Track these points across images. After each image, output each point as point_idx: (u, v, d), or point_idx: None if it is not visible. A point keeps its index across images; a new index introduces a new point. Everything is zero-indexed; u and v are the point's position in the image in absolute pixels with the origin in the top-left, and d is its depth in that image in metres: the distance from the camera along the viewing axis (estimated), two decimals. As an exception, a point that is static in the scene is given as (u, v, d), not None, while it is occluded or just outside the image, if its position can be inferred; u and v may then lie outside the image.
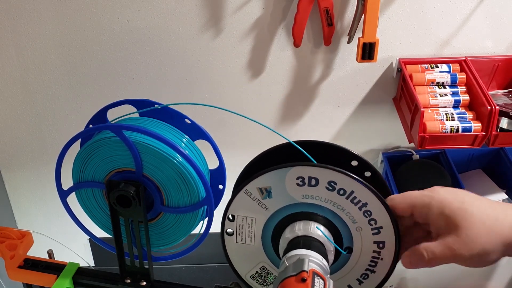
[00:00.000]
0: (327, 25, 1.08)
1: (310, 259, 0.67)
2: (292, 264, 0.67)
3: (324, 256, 0.69)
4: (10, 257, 0.87)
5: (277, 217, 0.75)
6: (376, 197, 0.68)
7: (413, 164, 1.24)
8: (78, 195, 0.84)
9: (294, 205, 0.73)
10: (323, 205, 0.72)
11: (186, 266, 1.46)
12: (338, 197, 0.70)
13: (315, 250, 0.69)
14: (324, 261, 0.68)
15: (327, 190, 0.70)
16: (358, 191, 0.69)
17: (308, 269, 0.65)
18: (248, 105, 1.22)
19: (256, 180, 0.72)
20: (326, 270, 0.68)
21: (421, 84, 1.12)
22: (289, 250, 0.70)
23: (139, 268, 0.85)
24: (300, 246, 0.70)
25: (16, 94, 1.20)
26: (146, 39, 1.13)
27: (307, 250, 0.69)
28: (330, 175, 0.69)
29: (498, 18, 1.11)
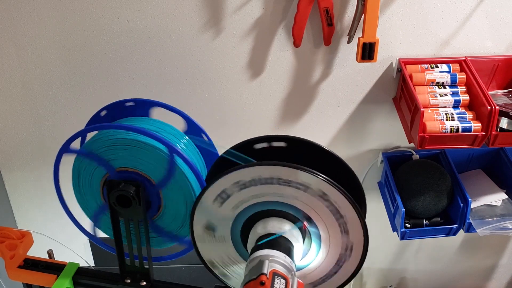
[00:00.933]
0: (327, 25, 1.08)
1: (272, 259, 0.67)
2: (253, 267, 0.68)
3: (288, 253, 0.70)
4: (10, 257, 0.87)
5: (244, 216, 0.75)
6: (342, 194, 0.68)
7: (413, 164, 1.24)
8: (77, 163, 0.81)
9: (260, 203, 0.73)
10: (289, 202, 0.72)
11: (186, 266, 1.46)
12: (303, 194, 0.70)
13: (278, 248, 0.69)
14: (287, 258, 0.69)
15: (292, 188, 0.70)
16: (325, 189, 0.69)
17: (268, 271, 0.65)
18: (248, 105, 1.22)
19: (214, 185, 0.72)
20: (290, 267, 0.68)
21: (421, 84, 1.12)
22: (254, 250, 0.71)
23: (139, 268, 0.85)
24: (263, 246, 0.70)
25: (16, 94, 1.20)
26: (146, 39, 1.13)
27: (269, 250, 0.69)
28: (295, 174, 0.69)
29: (498, 18, 1.11)
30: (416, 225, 1.20)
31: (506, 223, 1.19)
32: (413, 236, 1.20)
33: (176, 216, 0.80)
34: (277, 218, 0.73)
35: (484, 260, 1.56)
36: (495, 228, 1.18)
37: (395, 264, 1.56)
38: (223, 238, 0.78)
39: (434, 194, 1.18)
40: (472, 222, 1.18)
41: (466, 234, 1.47)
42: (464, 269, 1.58)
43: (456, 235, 1.20)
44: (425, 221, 1.21)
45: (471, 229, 1.18)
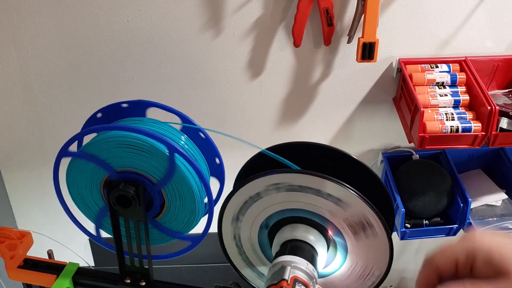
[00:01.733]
0: (327, 25, 1.08)
1: (294, 265, 0.68)
2: (274, 273, 0.68)
3: (311, 260, 0.70)
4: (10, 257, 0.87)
5: (273, 219, 0.75)
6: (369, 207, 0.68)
7: (413, 164, 1.24)
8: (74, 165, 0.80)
9: (288, 210, 0.74)
10: (315, 211, 0.72)
11: (186, 266, 1.46)
12: (330, 205, 0.70)
13: (301, 255, 0.70)
14: (309, 266, 0.69)
15: (319, 197, 0.70)
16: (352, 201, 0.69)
17: (289, 277, 0.65)
18: (248, 105, 1.22)
19: (248, 186, 0.72)
20: (312, 275, 0.68)
21: (421, 84, 1.12)
22: (277, 255, 0.71)
23: (139, 268, 0.85)
24: (286, 252, 0.71)
25: (16, 94, 1.20)
26: (146, 39, 1.13)
27: (292, 256, 0.69)
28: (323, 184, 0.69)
29: (498, 18, 1.11)
30: (416, 225, 1.20)
31: (506, 223, 1.19)
32: (413, 236, 1.20)
33: (180, 214, 0.80)
34: (303, 225, 0.73)
35: (484, 260, 1.56)
36: (495, 228, 1.18)
37: (395, 264, 1.56)
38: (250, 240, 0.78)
39: (434, 194, 1.18)
40: (472, 222, 1.18)
41: (466, 234, 1.47)
42: (464, 269, 1.58)
43: (456, 235, 1.20)
44: (425, 221, 1.21)
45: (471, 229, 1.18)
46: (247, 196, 0.73)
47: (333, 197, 0.69)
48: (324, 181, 0.68)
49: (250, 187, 0.72)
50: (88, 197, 0.82)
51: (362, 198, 0.67)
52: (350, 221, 0.70)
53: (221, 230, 0.78)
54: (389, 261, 0.72)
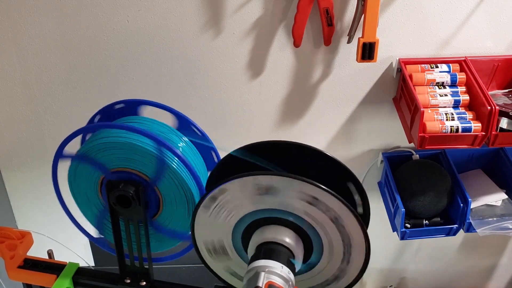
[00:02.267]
0: (327, 25, 1.08)
1: (268, 270, 0.68)
2: (249, 279, 0.68)
3: (286, 262, 0.70)
4: (10, 257, 0.87)
5: (246, 221, 0.75)
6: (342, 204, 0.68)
7: (413, 164, 1.24)
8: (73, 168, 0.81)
9: (262, 211, 0.73)
10: (291, 211, 0.72)
11: (186, 266, 1.46)
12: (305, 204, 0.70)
13: (276, 258, 0.70)
14: (284, 269, 0.69)
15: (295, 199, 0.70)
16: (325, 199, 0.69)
17: (263, 283, 0.66)
18: (248, 105, 1.22)
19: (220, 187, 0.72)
20: (288, 278, 0.68)
21: (421, 84, 1.12)
22: (252, 259, 0.71)
23: (139, 268, 0.85)
24: (260, 255, 0.71)
25: (16, 94, 1.20)
26: (146, 39, 1.13)
27: (266, 260, 0.69)
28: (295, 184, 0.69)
29: (498, 18, 1.11)
30: (416, 225, 1.20)
31: (506, 223, 1.19)
32: (413, 236, 1.20)
33: (176, 212, 0.80)
34: (276, 226, 0.73)
35: (484, 260, 1.56)
36: (495, 228, 1.18)
37: (395, 264, 1.56)
38: (224, 249, 0.78)
39: (434, 194, 1.18)
40: (472, 222, 1.18)
41: (466, 234, 1.47)
42: (464, 269, 1.58)
43: (456, 235, 1.20)
44: (425, 221, 1.21)
45: (471, 229, 1.18)
46: (219, 199, 0.73)
47: (303, 195, 0.69)
48: (292, 180, 0.68)
49: (221, 190, 0.72)
50: (90, 200, 0.82)
51: (330, 193, 0.67)
52: (323, 217, 0.70)
53: (194, 235, 0.78)
54: (366, 253, 0.72)
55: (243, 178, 0.70)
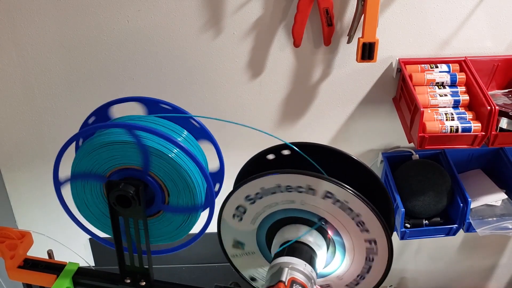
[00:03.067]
0: (327, 25, 1.08)
1: (292, 266, 0.68)
2: (272, 274, 0.68)
3: (309, 261, 0.70)
4: (10, 257, 0.87)
5: (273, 219, 0.75)
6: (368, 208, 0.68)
7: (412, 164, 1.24)
8: (74, 190, 0.83)
9: (287, 210, 0.74)
10: (315, 211, 0.72)
11: (186, 266, 1.46)
12: (330, 205, 0.70)
13: (299, 256, 0.70)
14: (308, 267, 0.69)
15: (319, 198, 0.70)
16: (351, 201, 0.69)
17: (287, 279, 0.66)
18: (248, 105, 1.22)
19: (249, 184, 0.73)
20: (310, 276, 0.68)
21: (420, 84, 1.12)
22: (276, 256, 0.71)
23: (139, 268, 0.85)
24: (284, 253, 0.71)
25: (16, 94, 1.20)
26: (146, 39, 1.13)
27: (289, 257, 0.70)
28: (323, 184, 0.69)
29: (498, 18, 1.11)
30: (416, 225, 1.20)
31: (506, 223, 1.19)
32: (413, 236, 1.20)
33: (181, 190, 0.79)
34: (301, 226, 0.74)
35: (484, 260, 1.56)
36: (495, 228, 1.18)
37: (395, 264, 1.56)
38: (252, 251, 0.79)
39: (434, 194, 1.18)
40: (472, 222, 1.18)
41: (466, 234, 1.47)
42: (464, 269, 1.58)
43: (456, 235, 1.21)
44: (425, 221, 1.21)
45: (471, 229, 1.18)
46: (247, 195, 0.73)
47: (332, 198, 0.69)
48: (321, 181, 0.68)
49: (249, 187, 0.72)
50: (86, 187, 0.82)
51: (360, 198, 0.68)
52: (349, 222, 0.70)
53: (220, 229, 0.78)
54: (389, 261, 0.72)
55: (275, 175, 0.70)
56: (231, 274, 0.88)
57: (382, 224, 0.69)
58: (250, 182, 0.72)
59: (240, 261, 0.82)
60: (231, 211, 0.76)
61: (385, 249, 0.71)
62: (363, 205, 0.68)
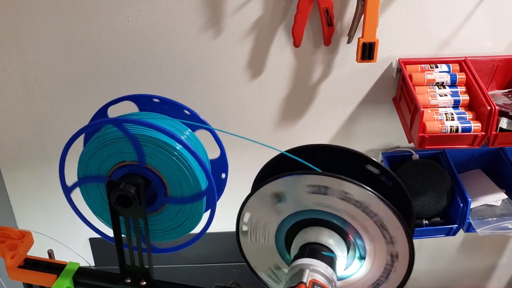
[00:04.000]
0: (327, 25, 1.08)
1: (313, 268, 0.67)
2: (294, 275, 0.67)
3: (330, 264, 0.69)
4: (10, 257, 0.88)
5: (290, 222, 0.75)
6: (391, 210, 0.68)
7: (412, 164, 1.24)
8: (84, 192, 0.84)
9: (307, 211, 0.73)
10: (336, 213, 0.72)
11: (186, 266, 1.46)
12: (351, 207, 0.70)
13: (320, 258, 0.69)
14: (328, 269, 0.68)
15: (340, 200, 0.70)
16: (373, 204, 0.68)
17: (308, 280, 0.65)
18: (248, 105, 1.22)
19: (268, 186, 0.72)
20: (331, 278, 0.67)
21: (420, 84, 1.12)
22: (296, 258, 0.70)
23: (139, 268, 0.85)
24: (305, 254, 0.70)
25: (17, 94, 1.20)
26: (146, 39, 1.13)
27: (311, 259, 0.69)
28: (344, 186, 0.68)
29: (498, 18, 1.11)
30: (416, 225, 1.20)
31: (506, 223, 1.19)
32: (413, 236, 1.19)
33: (180, 179, 0.79)
34: (323, 228, 0.73)
35: (484, 260, 1.57)
36: (495, 228, 1.18)
37: (395, 264, 1.56)
38: (266, 240, 0.77)
39: (434, 194, 1.18)
40: (472, 222, 1.18)
41: (466, 234, 1.47)
42: (464, 269, 1.58)
43: (456, 235, 1.21)
44: (425, 221, 1.21)
45: (471, 229, 1.18)
46: (268, 195, 0.73)
47: (354, 200, 0.68)
48: (344, 182, 0.67)
49: (271, 187, 0.72)
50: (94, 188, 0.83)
51: (384, 201, 0.67)
52: (371, 224, 0.70)
53: (238, 228, 0.78)
54: (409, 266, 0.71)
55: (297, 176, 0.69)
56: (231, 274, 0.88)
57: (405, 228, 0.68)
58: (272, 182, 0.71)
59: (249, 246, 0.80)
60: (250, 211, 0.75)
61: (406, 253, 0.70)
62: (385, 207, 0.67)
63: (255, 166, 0.82)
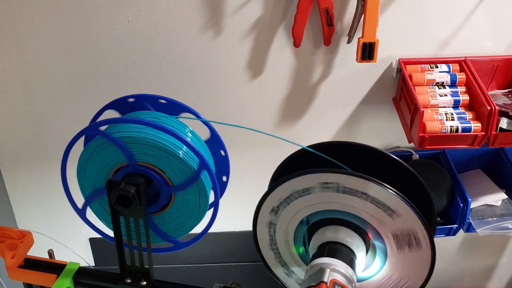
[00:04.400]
0: (327, 25, 1.08)
1: (333, 268, 0.66)
2: (313, 273, 0.66)
3: (350, 264, 0.68)
4: (10, 256, 0.87)
5: (313, 218, 0.74)
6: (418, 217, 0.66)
7: (412, 164, 1.24)
8: (94, 209, 0.84)
9: (330, 210, 0.72)
10: (356, 213, 0.71)
11: (186, 266, 1.46)
12: (372, 208, 0.69)
13: (340, 258, 0.68)
14: (349, 269, 0.67)
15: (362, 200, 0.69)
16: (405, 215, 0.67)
17: (329, 280, 0.64)
18: (248, 105, 1.22)
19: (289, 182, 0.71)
20: (351, 279, 0.66)
21: (420, 84, 1.12)
22: (315, 256, 0.69)
23: (139, 268, 0.85)
24: (325, 253, 0.69)
25: (17, 94, 1.20)
26: (146, 39, 1.13)
27: (330, 258, 0.68)
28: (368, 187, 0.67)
29: (498, 18, 1.11)
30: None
31: (506, 223, 1.19)
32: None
33: (178, 219, 0.80)
34: (343, 227, 0.72)
35: (484, 260, 1.57)
36: (495, 228, 1.18)
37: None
38: (286, 235, 0.77)
39: (434, 194, 1.18)
40: (472, 222, 1.18)
41: (466, 234, 1.47)
42: (464, 269, 1.58)
43: (456, 235, 1.21)
44: (425, 221, 1.21)
45: (471, 229, 1.18)
46: (290, 191, 0.71)
47: (383, 205, 0.67)
48: (372, 184, 0.66)
49: (295, 183, 0.70)
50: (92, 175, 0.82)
51: (415, 211, 0.65)
52: (398, 232, 0.68)
53: (256, 223, 0.77)
54: (427, 277, 0.70)
55: (323, 174, 0.68)
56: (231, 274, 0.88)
57: (431, 239, 0.67)
58: (296, 178, 0.69)
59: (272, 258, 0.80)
60: (269, 206, 0.74)
61: (427, 264, 0.69)
62: (416, 219, 0.66)
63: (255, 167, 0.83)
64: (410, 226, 0.68)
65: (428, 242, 0.67)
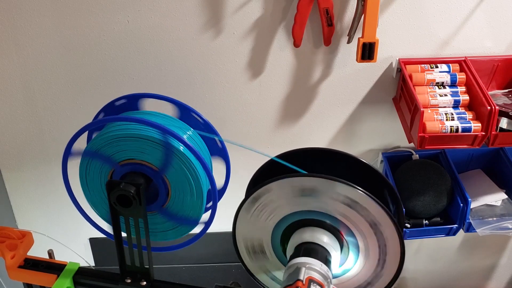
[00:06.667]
0: (327, 25, 1.08)
1: (308, 266, 0.69)
2: (290, 274, 0.69)
3: (325, 261, 0.71)
4: (10, 257, 0.88)
5: (286, 222, 0.76)
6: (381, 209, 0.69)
7: (412, 164, 1.24)
8: (83, 167, 0.82)
9: (302, 212, 0.74)
10: (328, 213, 0.73)
11: (186, 266, 1.46)
12: (343, 207, 0.71)
13: (315, 256, 0.71)
14: (323, 267, 0.70)
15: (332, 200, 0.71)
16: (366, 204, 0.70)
17: (304, 277, 0.67)
18: (248, 105, 1.22)
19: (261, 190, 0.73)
20: (326, 275, 0.70)
21: (420, 84, 1.12)
22: (292, 257, 0.72)
23: (139, 268, 0.85)
24: (300, 253, 0.72)
25: (16, 94, 1.20)
26: (146, 39, 1.13)
27: (306, 257, 0.71)
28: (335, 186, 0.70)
29: (498, 18, 1.11)
30: (416, 225, 1.20)
31: (506, 223, 1.19)
32: (413, 236, 1.20)
33: (185, 199, 0.80)
34: (315, 228, 0.75)
35: (484, 260, 1.57)
36: (495, 228, 1.18)
37: (395, 264, 1.56)
38: (262, 248, 0.79)
39: (434, 194, 1.18)
40: (472, 222, 1.18)
41: (466, 234, 1.47)
42: (464, 269, 1.58)
43: (456, 235, 1.21)
44: (425, 221, 1.21)
45: (471, 229, 1.18)
46: (260, 200, 0.74)
47: (344, 199, 0.70)
48: (334, 183, 0.69)
49: (263, 191, 0.73)
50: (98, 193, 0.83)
51: (372, 198, 0.68)
52: (362, 222, 0.71)
53: (235, 235, 0.79)
54: (401, 260, 0.72)
55: (288, 179, 0.71)
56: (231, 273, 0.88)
57: (394, 223, 0.69)
58: (264, 187, 0.73)
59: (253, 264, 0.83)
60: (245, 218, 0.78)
61: (397, 249, 0.72)
62: (376, 205, 0.69)
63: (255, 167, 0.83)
64: (377, 219, 0.71)
65: (393, 226, 0.71)
